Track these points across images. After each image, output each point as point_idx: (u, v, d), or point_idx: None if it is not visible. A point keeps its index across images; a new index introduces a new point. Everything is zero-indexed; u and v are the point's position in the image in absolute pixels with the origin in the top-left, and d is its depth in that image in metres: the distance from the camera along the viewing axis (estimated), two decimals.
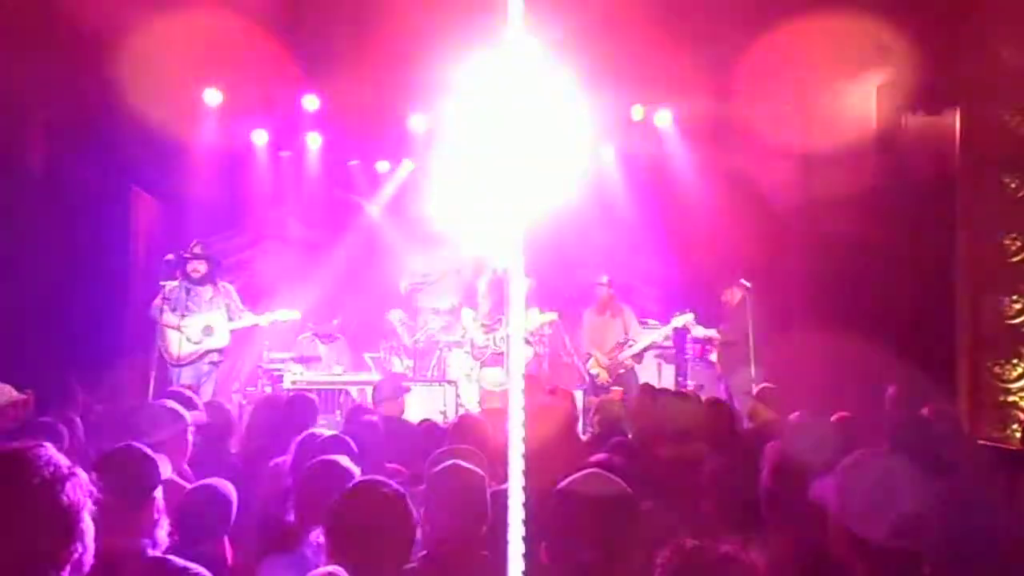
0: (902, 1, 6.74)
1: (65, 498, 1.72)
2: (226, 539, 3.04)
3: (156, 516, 2.70)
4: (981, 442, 5.26)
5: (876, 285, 7.28)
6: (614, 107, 8.46)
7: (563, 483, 1.96)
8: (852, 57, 7.20)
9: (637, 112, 8.64)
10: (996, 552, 2.51)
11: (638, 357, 8.56)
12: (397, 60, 7.33)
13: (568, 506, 1.91)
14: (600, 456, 3.37)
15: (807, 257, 8.15)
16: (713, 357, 8.48)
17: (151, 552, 2.56)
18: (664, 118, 8.51)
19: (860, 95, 7.51)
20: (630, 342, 8.39)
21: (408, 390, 5.69)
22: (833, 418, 4.76)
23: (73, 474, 1.72)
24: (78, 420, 3.96)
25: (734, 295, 8.20)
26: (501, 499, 2.78)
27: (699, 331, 8.37)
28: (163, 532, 2.76)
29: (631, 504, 1.94)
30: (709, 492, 2.90)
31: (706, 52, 7.22)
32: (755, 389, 6.85)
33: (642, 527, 1.99)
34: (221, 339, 7.42)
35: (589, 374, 8.58)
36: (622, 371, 8.37)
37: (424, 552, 2.65)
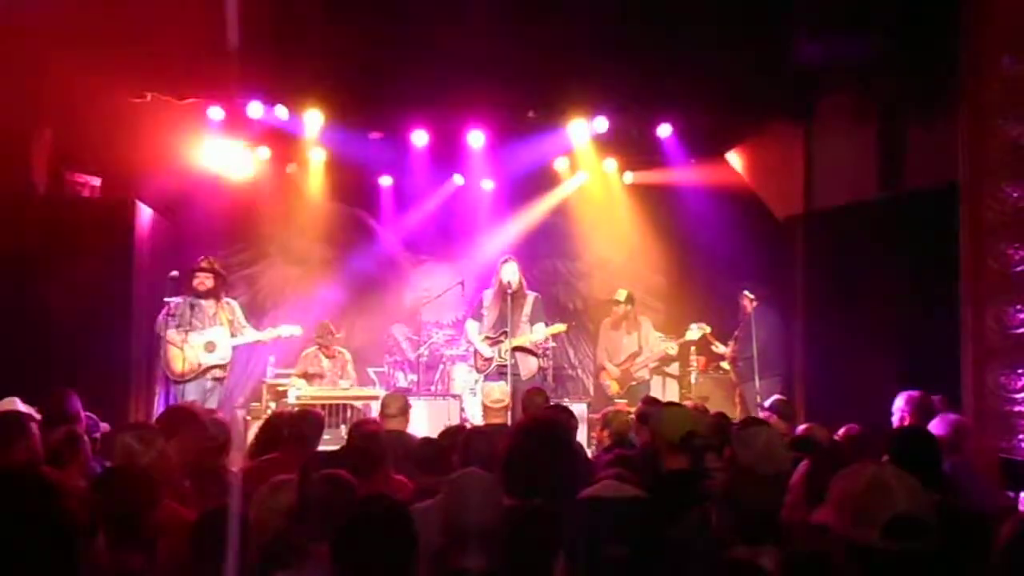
0: (901, 10, 6.78)
1: (67, 516, 1.72)
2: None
3: (151, 534, 2.70)
4: (986, 453, 5.24)
5: (880, 296, 7.29)
6: (614, 120, 8.49)
7: (585, 491, 1.99)
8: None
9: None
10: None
11: (653, 370, 8.56)
12: (399, 76, 7.37)
13: (588, 510, 1.93)
14: (604, 471, 3.36)
15: (810, 267, 8.16)
16: (725, 365, 8.46)
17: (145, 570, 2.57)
18: (666, 131, 8.53)
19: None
20: (645, 354, 8.38)
21: (410, 405, 5.68)
22: (841, 431, 4.76)
23: (73, 492, 1.73)
24: (85, 438, 3.96)
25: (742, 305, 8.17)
26: (513, 515, 2.78)
27: (719, 348, 8.34)
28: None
29: (648, 506, 1.96)
30: (717, 503, 2.89)
31: (708, 65, 7.25)
32: (759, 400, 6.84)
33: (662, 529, 2.00)
34: (223, 355, 7.44)
35: (602, 386, 8.59)
36: (634, 383, 8.35)
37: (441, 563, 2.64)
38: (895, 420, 4.99)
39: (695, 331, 8.33)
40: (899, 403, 5.05)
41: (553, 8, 7.06)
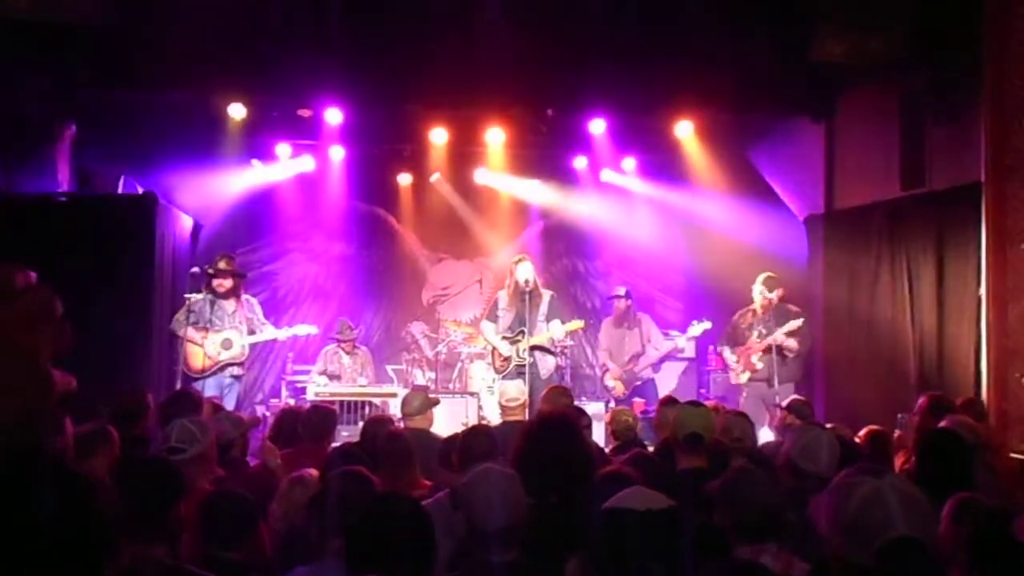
0: (925, 6, 6.71)
1: (99, 510, 1.73)
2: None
3: (175, 525, 2.72)
4: (1012, 455, 5.19)
5: (900, 295, 7.22)
6: (633, 118, 8.44)
7: (610, 500, 1.96)
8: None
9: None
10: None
11: (656, 368, 8.51)
12: (419, 73, 7.37)
13: (618, 521, 1.90)
14: (613, 468, 3.34)
15: (831, 266, 8.09)
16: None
17: (168, 561, 2.58)
18: (685, 128, 8.46)
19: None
20: (649, 352, 8.33)
21: (438, 402, 5.65)
22: (863, 432, 4.72)
23: (101, 485, 1.73)
24: (115, 434, 3.98)
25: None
26: (531, 513, 2.78)
27: (779, 337, 7.90)
28: (181, 541, 2.79)
29: (676, 515, 1.94)
30: (723, 502, 2.88)
31: (729, 62, 7.20)
32: (778, 400, 6.79)
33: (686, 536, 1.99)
34: (240, 352, 7.50)
35: (605, 387, 8.54)
36: (639, 383, 8.31)
37: (463, 559, 2.64)
38: (916, 421, 4.94)
39: (696, 328, 8.26)
40: (920, 404, 5.01)
41: (570, 4, 7.05)
